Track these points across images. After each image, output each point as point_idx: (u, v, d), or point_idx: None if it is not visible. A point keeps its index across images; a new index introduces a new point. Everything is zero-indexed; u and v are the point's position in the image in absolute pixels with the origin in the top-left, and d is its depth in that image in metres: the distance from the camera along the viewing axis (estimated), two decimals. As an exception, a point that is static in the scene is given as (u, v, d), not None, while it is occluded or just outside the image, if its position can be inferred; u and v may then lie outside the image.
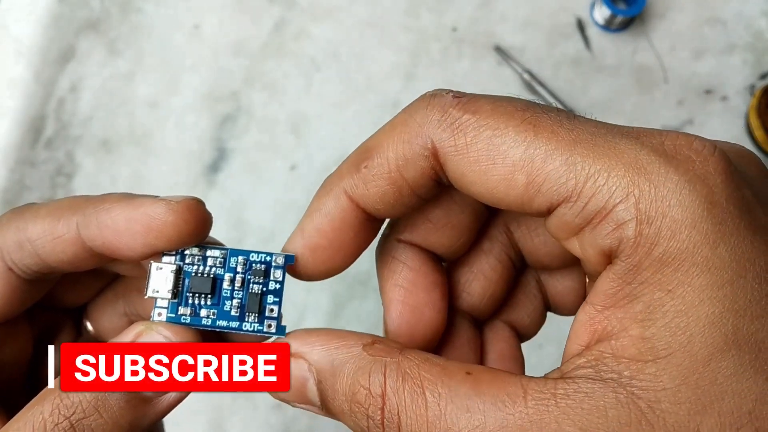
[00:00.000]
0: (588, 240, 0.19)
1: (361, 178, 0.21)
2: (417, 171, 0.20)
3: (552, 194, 0.18)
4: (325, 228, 0.22)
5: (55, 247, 0.23)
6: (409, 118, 0.20)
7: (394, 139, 0.20)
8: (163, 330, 0.23)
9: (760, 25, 0.57)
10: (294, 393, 0.21)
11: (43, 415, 0.21)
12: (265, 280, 0.23)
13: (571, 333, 0.20)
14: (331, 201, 0.22)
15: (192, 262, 0.23)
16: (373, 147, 0.21)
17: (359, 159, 0.21)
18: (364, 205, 0.22)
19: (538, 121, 0.19)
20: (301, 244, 0.22)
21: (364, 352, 0.20)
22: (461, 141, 0.19)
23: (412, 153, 0.20)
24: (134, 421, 0.22)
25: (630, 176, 0.18)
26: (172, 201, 0.22)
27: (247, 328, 0.23)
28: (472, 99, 0.20)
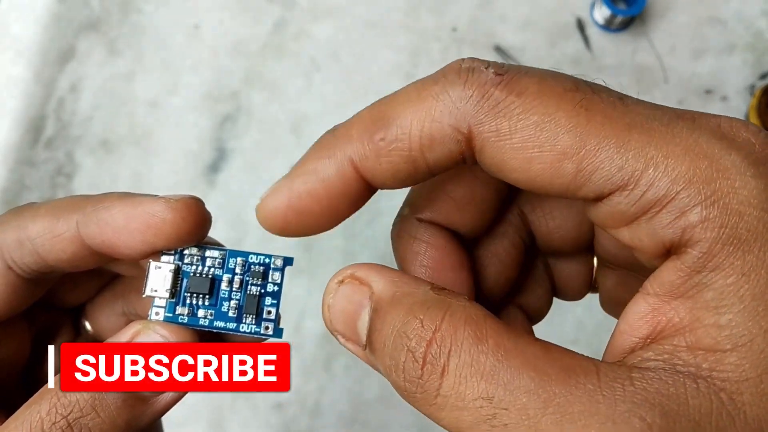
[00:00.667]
0: (645, 230, 0.17)
1: (373, 149, 0.19)
2: (443, 153, 0.18)
3: (604, 183, 0.17)
4: (320, 194, 0.20)
5: (55, 246, 0.23)
6: (442, 92, 0.18)
7: (420, 113, 0.18)
8: (160, 329, 0.23)
9: (760, 25, 0.57)
10: (344, 322, 0.20)
11: (40, 414, 0.21)
12: (264, 282, 0.23)
13: (623, 326, 0.18)
14: (332, 166, 0.19)
15: (191, 262, 0.23)
16: (393, 116, 0.19)
17: (374, 126, 0.19)
18: (370, 178, 0.19)
19: (590, 104, 0.17)
20: (286, 203, 0.20)
21: (430, 291, 0.18)
22: (504, 126, 0.17)
23: (441, 134, 0.18)
24: (131, 420, 0.22)
25: (691, 160, 0.16)
26: (171, 199, 0.22)
27: (245, 330, 0.23)
28: (515, 76, 0.18)
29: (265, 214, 0.21)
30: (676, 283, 0.17)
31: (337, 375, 0.53)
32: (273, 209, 0.20)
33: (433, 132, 0.18)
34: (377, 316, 0.19)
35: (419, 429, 0.52)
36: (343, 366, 0.53)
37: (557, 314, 0.54)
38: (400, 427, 0.52)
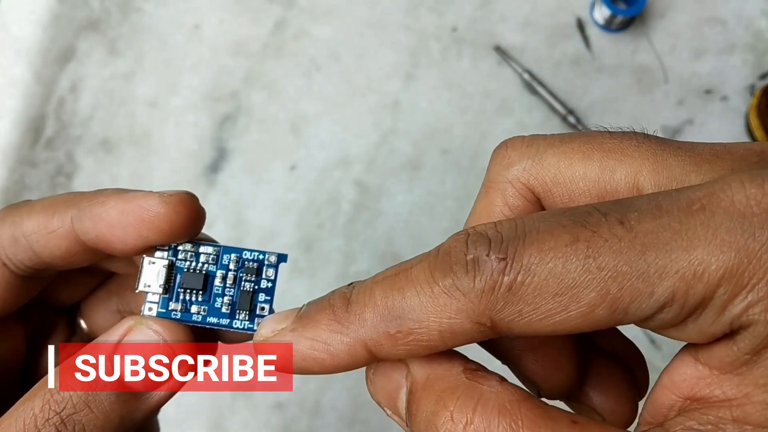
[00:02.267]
0: (692, 329, 0.17)
1: (389, 339, 0.18)
2: (465, 340, 0.18)
3: (642, 311, 0.17)
4: (325, 363, 0.19)
5: (50, 242, 0.23)
6: (453, 290, 0.18)
7: (437, 311, 0.18)
8: (153, 325, 0.23)
9: (760, 25, 0.57)
10: (386, 399, 0.20)
11: (34, 410, 0.21)
12: (257, 278, 0.23)
13: (666, 380, 0.18)
14: (344, 346, 0.19)
15: (185, 258, 0.23)
16: (407, 311, 0.18)
17: (389, 317, 0.18)
18: (380, 357, 0.19)
19: (596, 250, 0.17)
20: (294, 355, 0.20)
21: (462, 374, 0.18)
22: (524, 307, 0.17)
23: (461, 328, 0.18)
24: (125, 416, 0.22)
25: (717, 258, 0.16)
26: (165, 194, 0.23)
27: (238, 326, 0.23)
28: (517, 253, 0.17)
29: (263, 353, 0.21)
30: (726, 360, 0.17)
31: (337, 375, 0.53)
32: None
33: (453, 328, 0.18)
34: (412, 400, 0.19)
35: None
36: (343, 366, 0.53)
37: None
38: (400, 428, 0.52)
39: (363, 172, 0.56)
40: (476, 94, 0.57)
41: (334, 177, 0.56)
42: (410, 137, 0.56)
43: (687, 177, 0.19)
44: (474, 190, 0.63)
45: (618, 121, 0.57)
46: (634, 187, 0.20)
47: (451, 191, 0.55)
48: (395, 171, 0.56)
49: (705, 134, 0.56)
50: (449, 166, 0.56)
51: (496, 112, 0.56)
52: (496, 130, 0.56)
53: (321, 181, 0.56)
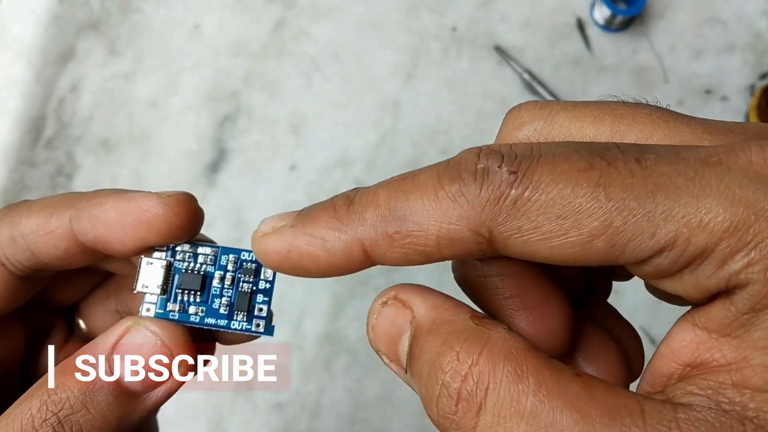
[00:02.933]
0: (688, 281, 0.17)
1: (386, 239, 0.19)
2: (461, 251, 0.18)
3: (640, 252, 0.17)
4: (321, 259, 0.19)
5: (48, 242, 0.23)
6: (458, 195, 0.18)
7: (438, 215, 0.18)
8: (150, 326, 0.23)
9: (760, 25, 0.57)
10: (386, 344, 0.20)
11: (31, 411, 0.21)
12: (256, 279, 0.23)
13: (665, 349, 0.18)
14: (340, 242, 0.19)
15: (183, 259, 0.23)
16: (409, 212, 0.18)
17: (389, 217, 0.19)
18: (376, 259, 0.19)
19: (608, 180, 0.17)
20: (285, 253, 0.20)
21: (469, 320, 0.18)
22: (525, 224, 0.17)
23: (459, 236, 0.18)
24: (122, 417, 0.22)
25: (725, 209, 0.16)
26: (163, 195, 0.22)
27: (236, 327, 0.23)
28: (529, 170, 0.17)
29: (260, 249, 0.21)
30: (724, 322, 0.17)
31: (337, 375, 0.53)
32: (269, 250, 0.20)
33: (451, 234, 0.18)
34: (416, 343, 0.19)
35: (419, 429, 0.52)
36: (343, 366, 0.53)
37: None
38: (400, 427, 0.52)
39: (363, 172, 0.56)
40: (476, 94, 0.57)
41: (334, 177, 0.56)
42: (410, 137, 0.56)
43: (701, 143, 0.19)
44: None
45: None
46: None
47: (451, 191, 0.55)
48: (395, 171, 0.55)
49: (705, 134, 0.56)
50: (449, 166, 0.56)
51: (496, 112, 0.56)
52: (496, 130, 0.56)
53: (321, 181, 0.56)
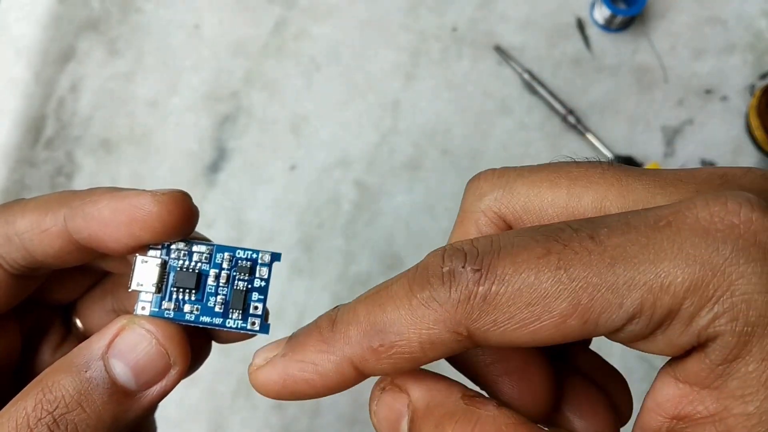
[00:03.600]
0: (661, 341, 0.18)
1: (373, 353, 0.19)
2: (446, 351, 0.19)
3: (612, 322, 0.18)
4: (316, 383, 0.20)
5: (42, 241, 0.23)
6: (431, 300, 0.18)
7: (416, 322, 0.19)
8: (145, 324, 0.23)
9: (760, 25, 0.57)
10: (389, 429, 0.21)
11: (26, 410, 0.21)
12: (251, 277, 0.23)
13: (650, 403, 0.19)
14: (331, 364, 0.20)
15: (177, 257, 0.23)
16: (388, 324, 0.19)
17: (371, 333, 0.19)
18: (369, 373, 0.20)
19: (567, 262, 0.18)
20: (281, 382, 0.21)
21: (460, 400, 0.19)
22: (498, 316, 0.18)
23: (440, 338, 0.19)
24: (118, 415, 0.22)
25: (682, 271, 0.17)
26: (157, 193, 0.22)
27: (231, 325, 0.23)
28: (492, 264, 0.18)
29: (257, 383, 0.21)
30: (702, 375, 0.18)
31: (337, 375, 0.53)
32: (266, 381, 0.21)
33: (432, 338, 0.19)
34: (413, 428, 0.20)
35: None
36: (343, 366, 0.53)
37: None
38: None
39: (363, 172, 0.56)
40: (476, 94, 0.57)
41: (334, 177, 0.56)
42: (410, 137, 0.56)
43: (653, 199, 0.20)
44: (474, 190, 0.62)
45: (618, 121, 0.58)
46: (601, 211, 0.20)
47: (451, 191, 0.55)
48: (395, 171, 0.56)
49: (705, 134, 0.56)
50: (449, 166, 0.56)
51: (496, 112, 0.56)
52: (496, 130, 0.56)
53: (321, 181, 0.56)
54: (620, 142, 0.56)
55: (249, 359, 0.61)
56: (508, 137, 0.56)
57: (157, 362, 0.22)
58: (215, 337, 0.27)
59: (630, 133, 0.56)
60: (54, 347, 0.28)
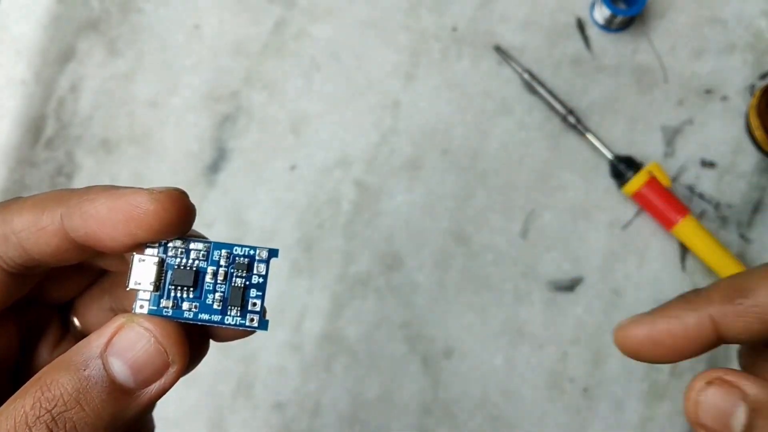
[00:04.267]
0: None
1: (733, 310, 0.23)
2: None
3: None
4: (677, 333, 0.23)
5: (39, 239, 0.23)
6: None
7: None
8: (143, 322, 0.23)
9: (760, 25, 0.57)
10: (715, 417, 0.23)
11: (24, 408, 0.21)
12: (249, 273, 0.23)
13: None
14: (694, 317, 0.23)
15: (175, 255, 0.23)
16: (753, 287, 0.22)
17: (734, 293, 0.23)
18: (723, 332, 0.23)
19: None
20: (647, 333, 0.24)
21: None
22: None
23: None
24: (116, 414, 0.22)
25: None
26: (154, 191, 0.23)
27: (229, 322, 0.23)
28: None
29: (624, 337, 0.24)
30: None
31: (337, 375, 0.53)
32: (633, 336, 0.24)
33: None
34: (758, 416, 0.22)
35: (419, 429, 0.52)
36: (343, 366, 0.53)
37: (557, 314, 0.54)
38: (400, 427, 0.52)
39: (363, 172, 0.56)
40: (476, 94, 0.57)
41: (334, 177, 0.56)
42: (410, 137, 0.56)
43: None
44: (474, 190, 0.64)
45: (618, 121, 0.58)
46: None
47: (451, 191, 0.55)
48: (395, 171, 0.56)
49: (705, 134, 0.56)
50: (449, 166, 0.56)
51: (496, 112, 0.56)
52: (496, 130, 0.56)
53: (321, 181, 0.56)
54: (620, 141, 0.56)
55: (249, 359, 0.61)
56: (508, 137, 0.56)
57: (155, 360, 0.22)
58: (214, 335, 0.27)
59: (630, 133, 0.56)
60: (52, 346, 0.28)
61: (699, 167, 0.56)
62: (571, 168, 0.56)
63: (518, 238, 0.55)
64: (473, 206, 0.55)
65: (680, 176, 0.56)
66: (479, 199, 0.55)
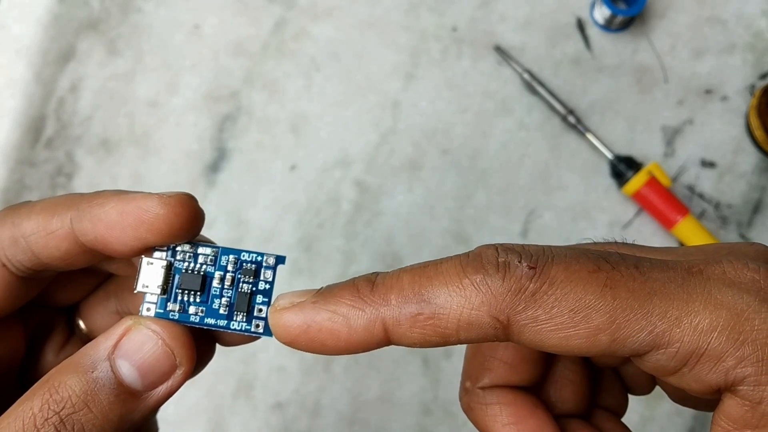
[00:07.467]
0: (690, 378, 0.19)
1: (408, 320, 0.20)
2: (477, 334, 0.20)
3: (638, 347, 0.19)
4: (340, 336, 0.21)
5: (49, 243, 0.23)
6: (482, 283, 0.20)
7: (461, 300, 0.20)
8: (151, 325, 0.23)
9: (760, 25, 0.57)
10: None
11: (33, 410, 0.21)
12: (255, 279, 0.23)
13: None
14: (362, 320, 0.20)
15: (183, 259, 0.23)
16: (433, 296, 0.20)
17: (414, 300, 0.20)
18: (395, 339, 0.21)
19: (614, 282, 0.19)
20: (304, 327, 0.21)
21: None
22: (540, 314, 0.19)
23: (479, 321, 0.20)
24: (124, 416, 0.22)
25: (710, 312, 0.19)
26: (164, 195, 0.23)
27: (235, 327, 0.23)
28: (545, 267, 0.19)
29: (278, 323, 0.21)
30: (746, 417, 0.19)
31: (337, 375, 0.53)
32: (288, 324, 0.21)
33: (471, 319, 0.20)
34: None
35: (419, 429, 0.52)
36: (343, 366, 0.53)
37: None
38: (400, 427, 0.52)
39: (363, 172, 0.56)
40: (476, 94, 0.57)
41: (334, 177, 0.56)
42: (410, 137, 0.56)
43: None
44: (474, 190, 0.63)
45: (618, 121, 0.58)
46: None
47: (451, 191, 0.55)
48: (395, 171, 0.56)
49: (705, 134, 0.56)
50: (449, 166, 0.56)
51: (496, 112, 0.56)
52: (496, 130, 0.56)
53: (321, 181, 0.56)
54: (620, 142, 0.56)
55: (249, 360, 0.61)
56: (508, 137, 0.56)
57: (163, 363, 0.22)
58: (219, 339, 0.27)
59: (630, 133, 0.56)
60: (57, 348, 0.29)
61: (699, 167, 0.56)
62: (571, 168, 0.56)
63: (518, 237, 0.55)
64: (473, 206, 0.55)
65: (680, 176, 0.56)
66: (479, 199, 0.55)
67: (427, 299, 0.20)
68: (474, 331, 0.20)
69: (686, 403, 0.26)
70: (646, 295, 0.19)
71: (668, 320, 0.19)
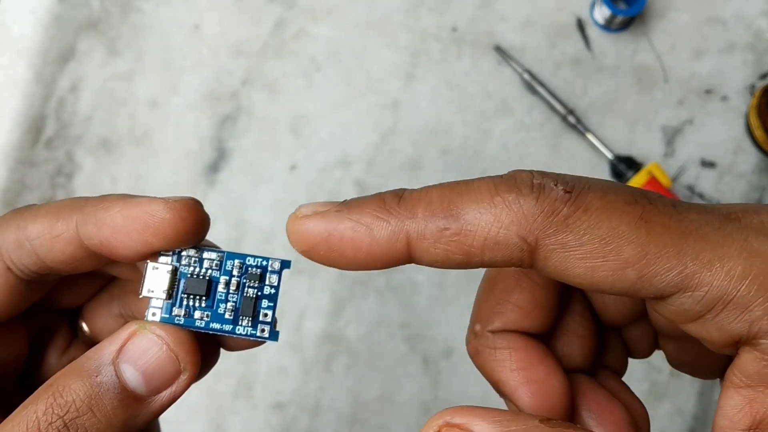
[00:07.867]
0: (712, 325, 0.19)
1: (434, 234, 0.19)
2: (504, 256, 0.19)
3: (665, 286, 0.18)
4: (362, 247, 0.20)
5: (54, 246, 0.23)
6: (515, 202, 0.19)
7: (491, 216, 0.19)
8: (156, 330, 0.23)
9: (760, 25, 0.57)
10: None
11: (36, 414, 0.21)
12: (261, 284, 0.23)
13: (722, 421, 0.19)
14: (386, 231, 0.19)
15: (188, 264, 0.23)
16: (463, 211, 0.19)
17: (441, 214, 0.19)
18: (416, 255, 0.20)
19: (650, 216, 0.19)
20: (325, 235, 0.20)
21: (541, 425, 0.19)
22: (571, 239, 0.19)
23: (506, 240, 0.19)
24: (128, 420, 0.22)
25: (744, 259, 0.18)
26: (170, 200, 0.22)
27: (240, 332, 0.23)
28: (581, 194, 0.19)
29: (298, 230, 0.21)
30: (763, 372, 0.18)
31: (337, 375, 0.53)
32: (309, 231, 0.20)
33: (499, 238, 0.19)
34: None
35: (419, 429, 0.52)
36: (343, 366, 0.53)
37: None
38: (400, 427, 0.52)
39: (363, 172, 0.56)
40: (476, 94, 0.57)
41: (334, 177, 0.56)
42: (410, 137, 0.56)
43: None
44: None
45: (618, 121, 0.58)
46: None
47: (451, 191, 0.55)
48: (395, 171, 0.56)
49: (705, 134, 0.56)
50: (449, 166, 0.56)
51: (496, 112, 0.56)
52: (496, 130, 0.56)
53: (321, 181, 0.56)
54: (620, 141, 0.56)
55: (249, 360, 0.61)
56: (508, 137, 0.56)
57: (167, 367, 0.22)
58: (224, 344, 0.27)
59: (630, 133, 0.56)
60: (60, 351, 0.28)
61: (699, 167, 0.56)
62: (571, 168, 0.56)
63: (518, 238, 0.55)
64: (473, 206, 0.55)
65: (680, 176, 0.56)
66: (479, 199, 0.55)
67: (455, 215, 0.19)
68: (499, 251, 0.19)
69: (685, 368, 0.26)
70: (680, 234, 0.18)
71: (700, 262, 0.18)
